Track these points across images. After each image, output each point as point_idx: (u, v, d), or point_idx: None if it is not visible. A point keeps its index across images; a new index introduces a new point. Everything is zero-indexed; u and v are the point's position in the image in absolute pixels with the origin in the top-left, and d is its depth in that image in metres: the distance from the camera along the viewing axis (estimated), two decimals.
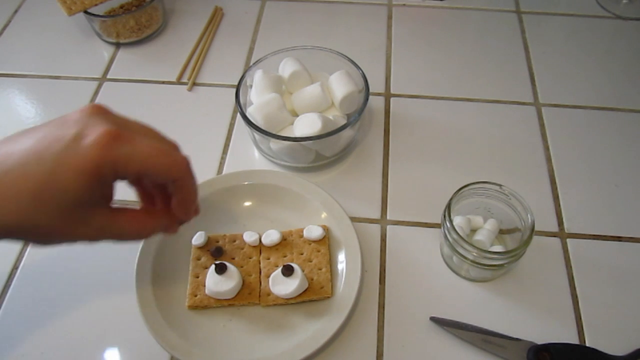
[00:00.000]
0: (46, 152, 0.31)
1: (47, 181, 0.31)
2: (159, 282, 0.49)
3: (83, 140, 0.31)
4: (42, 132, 0.32)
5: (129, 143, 0.32)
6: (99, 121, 0.33)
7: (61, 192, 0.31)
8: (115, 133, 0.32)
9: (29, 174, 0.31)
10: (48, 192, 0.31)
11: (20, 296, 0.51)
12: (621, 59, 0.71)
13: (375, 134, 0.63)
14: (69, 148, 0.31)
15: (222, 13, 0.78)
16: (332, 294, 0.48)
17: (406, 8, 0.79)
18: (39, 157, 0.31)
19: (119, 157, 0.32)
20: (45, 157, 0.31)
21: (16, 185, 0.31)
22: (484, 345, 0.46)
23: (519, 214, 0.48)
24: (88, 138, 0.31)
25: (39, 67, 0.71)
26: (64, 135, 0.31)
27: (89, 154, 0.31)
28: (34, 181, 0.31)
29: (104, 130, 0.32)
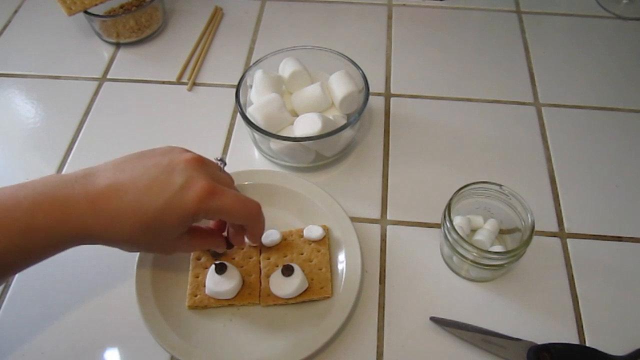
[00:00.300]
0: (158, 197, 0.39)
1: (156, 219, 0.39)
2: (159, 282, 0.49)
3: (187, 192, 0.39)
4: (154, 171, 0.40)
5: (220, 197, 0.41)
6: (199, 175, 0.41)
7: (164, 228, 0.40)
8: (211, 189, 0.40)
9: (143, 210, 0.39)
10: (155, 226, 0.39)
11: (20, 296, 0.51)
12: (621, 59, 0.71)
13: (375, 134, 0.63)
14: (176, 197, 0.39)
15: (222, 13, 0.78)
16: (332, 294, 0.48)
17: (406, 8, 0.79)
18: (152, 199, 0.39)
19: (210, 209, 0.40)
20: (157, 200, 0.39)
21: (133, 217, 0.39)
22: (484, 345, 0.46)
23: (519, 214, 0.48)
24: (191, 191, 0.39)
25: (39, 67, 0.71)
26: (173, 182, 0.40)
27: (191, 204, 0.39)
28: (146, 217, 0.39)
29: (203, 186, 0.40)
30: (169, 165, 0.41)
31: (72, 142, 0.63)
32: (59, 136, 0.63)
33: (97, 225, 0.38)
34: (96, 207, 0.38)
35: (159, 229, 0.40)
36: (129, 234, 0.39)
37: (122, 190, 0.39)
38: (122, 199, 0.38)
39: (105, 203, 0.38)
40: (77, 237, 0.39)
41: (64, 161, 0.61)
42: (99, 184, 0.39)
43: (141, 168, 0.40)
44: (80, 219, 0.38)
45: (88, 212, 0.38)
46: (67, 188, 0.38)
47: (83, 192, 0.38)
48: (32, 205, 0.37)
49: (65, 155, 0.62)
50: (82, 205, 0.38)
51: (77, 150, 0.62)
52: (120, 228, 0.39)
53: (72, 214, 0.38)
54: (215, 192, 0.40)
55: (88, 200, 0.38)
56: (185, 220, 0.40)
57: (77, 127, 0.64)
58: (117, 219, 0.38)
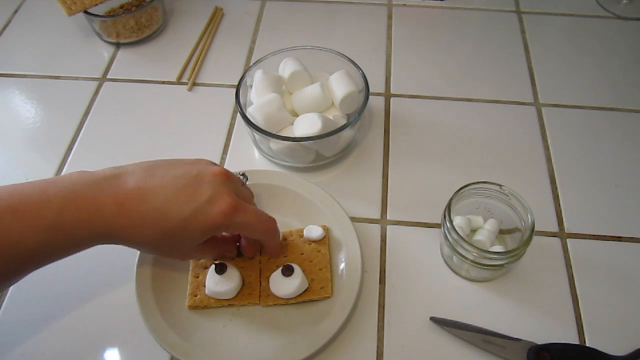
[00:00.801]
0: (185, 207, 0.40)
1: (180, 228, 0.40)
2: (159, 282, 0.49)
3: (213, 206, 0.40)
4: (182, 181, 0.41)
5: (242, 215, 0.42)
6: (225, 190, 0.42)
7: (186, 237, 0.41)
8: (235, 206, 0.41)
9: (169, 218, 0.40)
10: (177, 235, 0.40)
11: (21, 296, 0.51)
12: (621, 59, 0.71)
13: (375, 134, 0.63)
14: (202, 209, 0.40)
15: (222, 13, 0.78)
16: (332, 294, 0.48)
17: (406, 8, 0.79)
18: (178, 209, 0.40)
19: (233, 224, 0.42)
20: (184, 210, 0.40)
21: (157, 222, 0.40)
22: (484, 345, 0.46)
23: (519, 214, 0.48)
24: (217, 205, 0.40)
25: (39, 67, 0.71)
26: (200, 194, 0.40)
27: (216, 218, 0.40)
28: (170, 225, 0.40)
29: (229, 202, 0.41)
30: (197, 176, 0.41)
31: (72, 142, 0.63)
32: (59, 136, 0.63)
33: (122, 227, 0.39)
34: (123, 209, 0.39)
35: (180, 238, 0.41)
36: (151, 238, 0.40)
37: (150, 195, 0.40)
38: (149, 203, 0.39)
39: (132, 206, 0.39)
40: (101, 236, 0.39)
41: (64, 161, 0.61)
42: (127, 187, 0.40)
43: (170, 175, 0.41)
44: (106, 220, 0.38)
45: (115, 214, 0.39)
46: (96, 188, 0.39)
47: (111, 194, 0.39)
48: (61, 204, 0.37)
49: (65, 155, 0.62)
50: (109, 206, 0.38)
51: (77, 150, 0.62)
52: (144, 232, 0.40)
53: (100, 214, 0.38)
54: (239, 209, 0.41)
55: (116, 202, 0.39)
56: (208, 233, 0.41)
57: (77, 127, 0.64)
58: (142, 223, 0.39)
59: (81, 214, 0.38)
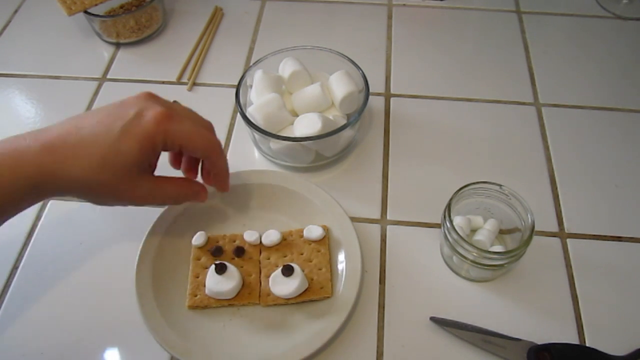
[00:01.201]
0: (113, 125, 0.38)
1: (113, 147, 0.38)
2: (159, 282, 0.49)
3: (143, 117, 0.39)
4: (105, 111, 0.40)
5: (177, 122, 0.40)
6: (153, 104, 0.40)
7: (124, 155, 0.39)
8: (167, 113, 0.40)
9: (99, 141, 0.38)
10: (113, 155, 0.38)
11: (21, 296, 0.51)
12: (621, 59, 0.71)
13: (375, 134, 0.63)
14: (132, 122, 0.39)
15: (222, 13, 0.78)
16: (332, 294, 0.48)
17: (406, 8, 0.79)
18: (107, 129, 0.38)
19: (169, 131, 0.40)
20: (113, 128, 0.38)
21: (88, 149, 0.38)
22: (484, 345, 0.46)
23: (519, 214, 0.48)
24: (147, 115, 0.39)
25: (39, 67, 0.71)
26: (126, 113, 0.39)
27: (148, 126, 0.39)
28: (103, 146, 0.38)
29: (160, 110, 0.40)
30: (120, 103, 0.41)
31: None
32: None
33: (52, 165, 0.38)
34: (49, 148, 0.38)
35: (117, 158, 0.39)
36: (87, 167, 0.38)
37: (76, 129, 0.39)
38: (76, 135, 0.38)
39: (58, 143, 0.38)
40: (33, 185, 0.38)
41: None
42: (51, 132, 0.39)
43: (93, 112, 0.41)
44: (32, 163, 0.37)
45: (40, 155, 0.38)
46: (17, 139, 0.39)
47: (33, 140, 0.38)
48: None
49: None
50: (32, 149, 0.38)
51: None
52: (77, 162, 0.38)
53: (24, 159, 0.37)
54: (172, 116, 0.40)
55: (39, 145, 0.38)
56: (144, 145, 0.39)
57: None
58: (72, 154, 0.38)
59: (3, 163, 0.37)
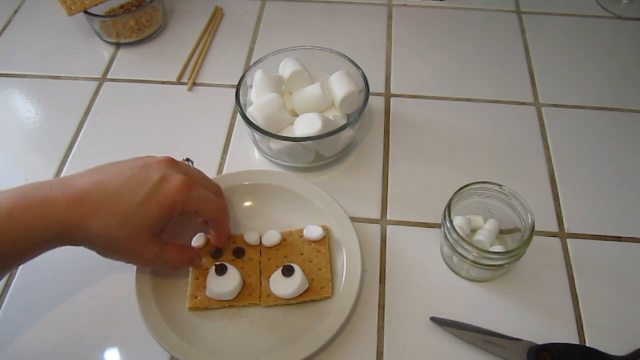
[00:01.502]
0: (138, 189, 0.41)
1: (136, 209, 0.41)
2: (159, 283, 0.49)
3: (167, 184, 0.42)
4: (129, 172, 0.42)
5: (195, 191, 0.44)
6: (174, 171, 0.44)
7: (143, 218, 0.41)
8: (188, 183, 0.43)
9: (123, 201, 0.41)
10: (134, 216, 0.41)
11: (20, 296, 0.51)
12: (621, 59, 0.71)
13: (375, 134, 0.63)
14: (156, 188, 0.42)
15: (222, 13, 0.78)
16: (332, 294, 0.48)
17: (406, 8, 0.79)
18: (132, 191, 0.41)
19: (187, 200, 0.43)
20: (137, 192, 0.41)
21: (112, 207, 0.40)
22: (484, 345, 0.46)
23: (519, 214, 0.48)
24: (170, 183, 0.42)
25: (39, 67, 0.71)
26: (151, 177, 0.42)
27: (170, 195, 0.42)
28: (126, 207, 0.41)
29: (181, 179, 0.43)
30: (143, 165, 0.43)
31: (72, 142, 0.63)
32: (59, 136, 0.63)
33: (76, 219, 0.40)
34: (74, 202, 0.40)
35: (137, 220, 0.41)
36: (107, 224, 0.40)
37: (101, 186, 0.41)
38: (101, 193, 0.41)
39: (84, 198, 0.40)
40: (56, 234, 0.40)
41: (64, 161, 0.61)
42: (77, 185, 0.41)
43: (117, 169, 0.43)
44: (58, 214, 0.39)
45: (67, 208, 0.39)
46: (45, 189, 0.40)
47: (60, 191, 0.40)
48: (11, 205, 0.39)
49: (65, 155, 0.62)
50: (60, 202, 0.40)
51: (77, 150, 0.62)
52: (98, 218, 0.40)
53: (51, 210, 0.39)
54: (191, 185, 0.43)
55: (66, 198, 0.40)
56: (165, 212, 0.42)
57: (77, 127, 0.64)
58: (97, 210, 0.40)
59: (32, 213, 0.39)
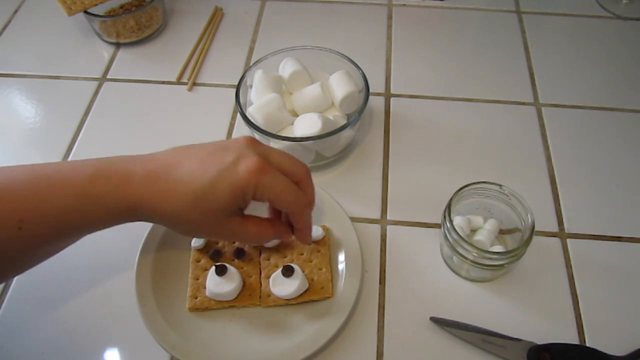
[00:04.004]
0: (211, 169, 0.40)
1: (207, 190, 0.40)
2: (159, 283, 0.49)
3: (239, 166, 0.40)
4: (208, 150, 0.42)
5: (270, 176, 0.41)
6: (251, 152, 0.41)
7: (215, 199, 0.40)
8: (261, 166, 0.41)
9: (195, 182, 0.40)
10: (206, 197, 0.40)
11: (21, 296, 0.51)
12: (621, 59, 0.71)
13: (375, 134, 0.63)
14: (228, 169, 0.40)
15: (222, 13, 0.78)
16: (332, 294, 0.48)
17: (406, 8, 0.79)
18: (204, 172, 0.40)
19: (259, 185, 0.41)
20: (210, 172, 0.40)
21: (185, 187, 0.40)
22: (484, 345, 0.46)
23: (519, 214, 0.48)
24: (243, 165, 0.40)
25: (39, 67, 0.71)
26: (225, 159, 0.41)
27: (241, 177, 0.40)
28: (198, 187, 0.40)
29: (255, 160, 0.41)
30: (223, 144, 0.43)
31: (72, 142, 0.63)
32: (59, 136, 0.63)
33: (151, 196, 0.40)
34: (152, 178, 0.40)
35: (209, 202, 0.41)
36: (179, 206, 0.41)
37: (177, 165, 0.41)
38: (176, 172, 0.41)
39: (161, 175, 0.41)
40: (131, 208, 0.40)
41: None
42: (157, 160, 0.42)
43: (197, 148, 0.43)
44: (136, 190, 0.40)
45: (144, 183, 0.40)
46: (128, 161, 0.41)
47: (141, 166, 0.41)
48: (92, 173, 0.40)
49: (65, 156, 0.62)
50: (139, 176, 0.40)
51: (77, 151, 0.62)
52: (172, 199, 0.40)
53: (129, 184, 0.40)
54: (266, 169, 0.41)
55: (145, 173, 0.40)
56: (236, 194, 0.41)
57: (77, 127, 0.64)
58: (170, 189, 0.40)
59: (111, 183, 0.40)
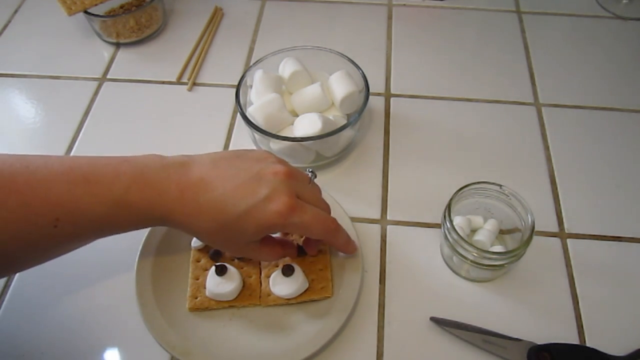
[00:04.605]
0: (241, 202, 0.40)
1: (234, 222, 0.41)
2: (159, 283, 0.49)
3: (269, 205, 0.40)
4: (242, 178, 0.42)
5: (299, 215, 0.41)
6: (284, 190, 0.41)
7: (239, 232, 0.42)
8: (291, 206, 0.41)
9: (224, 211, 0.41)
10: (231, 229, 0.41)
11: (21, 296, 0.51)
12: (621, 59, 0.71)
13: (375, 134, 0.63)
14: (258, 206, 0.40)
15: (222, 13, 0.78)
16: (332, 294, 0.48)
17: (406, 8, 0.79)
18: (235, 203, 0.40)
19: (288, 224, 0.41)
20: (240, 205, 0.40)
21: (214, 214, 0.41)
22: (484, 346, 0.46)
23: (519, 214, 0.48)
24: (273, 204, 0.40)
25: (39, 67, 0.71)
26: (258, 192, 0.41)
27: (269, 217, 0.40)
28: (224, 218, 0.41)
29: (285, 202, 0.41)
30: (258, 173, 0.42)
31: (72, 142, 0.63)
32: (59, 136, 0.63)
33: (181, 213, 0.41)
34: (184, 196, 0.41)
35: (234, 233, 0.42)
36: (206, 228, 0.42)
37: (210, 186, 0.41)
38: (207, 195, 0.41)
39: (192, 196, 0.41)
40: (161, 219, 0.41)
41: None
42: (191, 175, 0.42)
43: (233, 170, 0.42)
44: (167, 205, 0.41)
45: (175, 200, 0.41)
46: (163, 173, 0.41)
47: (176, 180, 0.41)
48: (129, 182, 0.40)
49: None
50: (172, 192, 0.41)
51: (77, 151, 0.62)
52: (199, 222, 0.41)
53: (162, 198, 0.41)
54: (295, 209, 0.41)
55: (178, 189, 0.41)
56: (261, 231, 0.42)
57: (77, 127, 0.64)
58: (198, 212, 0.41)
59: (145, 195, 0.40)
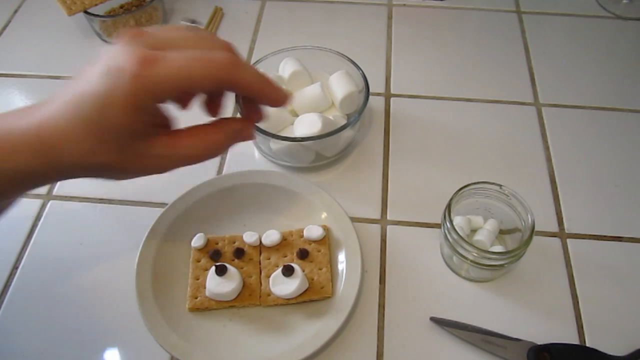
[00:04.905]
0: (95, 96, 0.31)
1: (100, 123, 0.31)
2: (159, 283, 0.49)
3: (119, 76, 0.30)
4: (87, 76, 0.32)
5: (160, 64, 0.30)
6: (128, 49, 0.31)
7: (112, 129, 0.31)
8: (145, 58, 0.30)
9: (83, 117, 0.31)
10: (102, 132, 0.31)
11: (21, 296, 0.51)
12: (621, 59, 0.71)
13: (375, 134, 0.63)
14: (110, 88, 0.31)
15: (222, 13, 0.78)
16: (332, 294, 0.48)
17: (406, 8, 0.79)
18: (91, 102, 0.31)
19: (151, 82, 0.30)
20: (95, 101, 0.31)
21: (74, 129, 0.31)
22: (484, 346, 0.46)
23: (519, 214, 0.48)
24: (122, 72, 0.30)
25: (39, 67, 0.71)
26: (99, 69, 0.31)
27: (124, 88, 0.30)
28: (90, 124, 0.31)
29: (132, 58, 0.30)
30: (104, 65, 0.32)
31: None
32: None
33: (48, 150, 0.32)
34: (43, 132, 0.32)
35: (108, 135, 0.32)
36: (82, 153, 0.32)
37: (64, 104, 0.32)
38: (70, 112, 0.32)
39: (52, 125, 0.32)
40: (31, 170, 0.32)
41: None
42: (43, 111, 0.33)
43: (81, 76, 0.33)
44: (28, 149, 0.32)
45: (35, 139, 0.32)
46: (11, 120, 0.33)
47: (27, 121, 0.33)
48: None
49: None
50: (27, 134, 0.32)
51: None
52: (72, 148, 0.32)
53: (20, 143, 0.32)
54: (152, 61, 0.30)
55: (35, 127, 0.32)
56: (130, 110, 0.31)
57: None
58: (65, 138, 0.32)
59: None
